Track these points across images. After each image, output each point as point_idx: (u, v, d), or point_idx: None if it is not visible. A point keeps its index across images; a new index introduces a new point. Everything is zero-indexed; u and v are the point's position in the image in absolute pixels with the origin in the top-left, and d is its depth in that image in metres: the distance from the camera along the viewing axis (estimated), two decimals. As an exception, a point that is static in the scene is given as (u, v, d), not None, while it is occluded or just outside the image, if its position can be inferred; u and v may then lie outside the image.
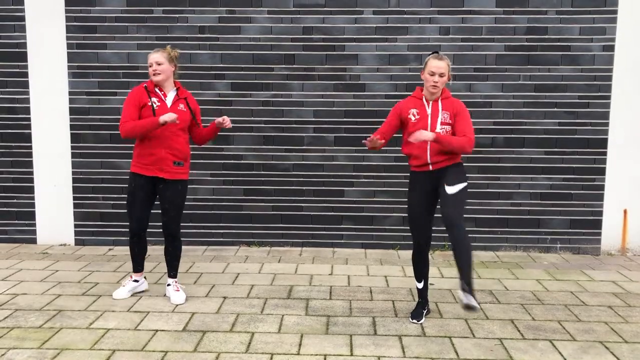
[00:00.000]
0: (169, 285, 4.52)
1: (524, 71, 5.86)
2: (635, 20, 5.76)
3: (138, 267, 4.58)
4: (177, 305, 4.38)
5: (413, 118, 3.95)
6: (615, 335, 3.90)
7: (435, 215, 4.09)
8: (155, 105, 4.24)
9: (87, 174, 6.06)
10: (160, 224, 4.45)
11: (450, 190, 3.83)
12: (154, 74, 4.26)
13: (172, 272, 4.52)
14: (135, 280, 4.57)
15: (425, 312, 4.17)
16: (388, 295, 4.64)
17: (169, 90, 4.34)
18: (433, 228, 4.18)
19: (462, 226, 3.77)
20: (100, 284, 4.83)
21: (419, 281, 4.20)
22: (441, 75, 3.87)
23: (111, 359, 3.49)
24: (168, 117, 4.09)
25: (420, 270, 4.18)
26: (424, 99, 3.98)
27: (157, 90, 4.31)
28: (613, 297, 4.64)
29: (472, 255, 3.82)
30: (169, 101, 4.31)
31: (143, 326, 3.97)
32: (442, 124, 3.92)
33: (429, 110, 3.95)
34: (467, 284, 3.70)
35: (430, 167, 3.97)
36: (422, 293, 4.21)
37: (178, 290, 4.48)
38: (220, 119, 4.34)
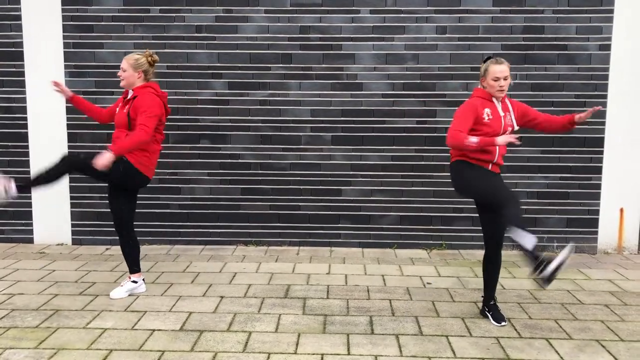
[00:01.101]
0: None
1: (520, 70, 5.87)
2: (632, 19, 5.77)
3: (133, 267, 4.58)
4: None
5: (487, 118, 3.93)
6: (612, 334, 3.91)
7: (444, 214, 4.10)
8: (118, 109, 4.52)
9: (84, 173, 6.05)
10: (159, 224, 4.46)
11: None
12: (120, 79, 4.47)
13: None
14: (134, 281, 4.57)
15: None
16: (385, 295, 4.64)
17: (129, 94, 4.46)
18: (435, 227, 4.19)
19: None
20: (97, 284, 4.83)
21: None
22: (505, 78, 3.91)
23: (108, 358, 3.49)
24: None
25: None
26: (493, 100, 3.99)
27: (130, 92, 4.47)
28: (609, 296, 4.66)
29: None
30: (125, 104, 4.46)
31: (140, 326, 3.97)
32: (508, 123, 3.98)
33: (501, 111, 3.97)
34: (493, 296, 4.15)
35: (490, 167, 4.00)
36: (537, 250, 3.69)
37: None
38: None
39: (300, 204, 6.07)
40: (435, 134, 5.93)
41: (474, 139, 3.78)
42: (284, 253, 5.86)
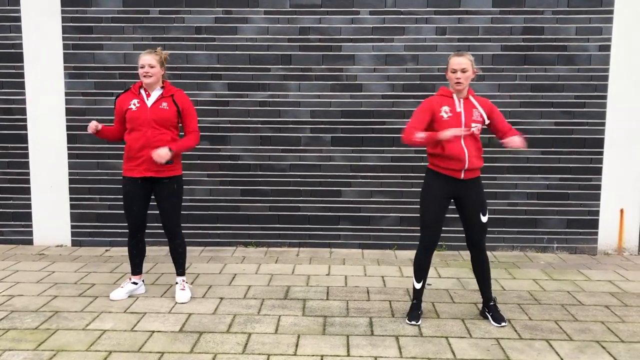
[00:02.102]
0: (176, 283, 4.56)
1: (520, 71, 5.86)
2: (631, 20, 5.77)
3: (136, 269, 4.58)
4: (182, 303, 4.40)
5: (445, 115, 3.87)
6: (612, 335, 3.90)
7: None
8: (134, 107, 4.28)
9: (84, 174, 6.05)
10: (159, 224, 4.46)
11: (484, 219, 4.03)
12: (144, 76, 4.26)
13: (179, 270, 4.54)
14: (134, 283, 4.57)
15: (420, 313, 4.16)
16: (385, 296, 4.64)
17: (153, 90, 4.34)
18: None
19: (485, 249, 4.13)
20: (96, 285, 4.82)
21: (419, 281, 4.14)
22: (463, 70, 3.83)
23: (107, 360, 3.49)
24: (91, 126, 4.20)
25: (424, 271, 4.15)
26: (454, 97, 3.92)
27: (141, 91, 4.33)
28: (610, 297, 4.65)
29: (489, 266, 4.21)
30: (150, 101, 4.30)
31: (140, 327, 3.96)
32: (474, 121, 3.90)
33: (461, 108, 3.90)
34: (491, 297, 4.17)
35: (462, 176, 3.92)
36: (420, 294, 4.19)
37: (184, 289, 4.50)
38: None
39: (300, 205, 6.07)
40: (435, 135, 5.92)
41: (421, 134, 3.78)
42: (283, 254, 5.85)
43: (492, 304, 4.14)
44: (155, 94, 4.32)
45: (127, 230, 4.50)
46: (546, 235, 6.01)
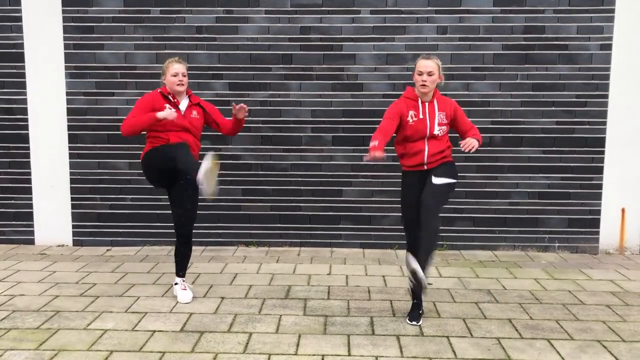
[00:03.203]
0: (176, 284, 4.55)
1: (521, 70, 5.86)
2: (633, 18, 5.76)
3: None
4: (184, 303, 4.40)
5: (411, 120, 3.94)
6: (613, 335, 3.90)
7: (445, 215, 4.08)
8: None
9: (85, 174, 6.05)
10: (158, 223, 4.46)
11: (437, 180, 3.92)
12: (178, 84, 4.30)
13: (182, 271, 4.55)
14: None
15: (421, 313, 4.16)
16: (386, 295, 4.64)
17: (182, 98, 4.40)
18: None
19: (435, 212, 3.94)
20: (98, 285, 4.83)
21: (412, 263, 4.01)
22: (429, 74, 3.87)
23: (109, 359, 3.48)
24: (167, 114, 4.14)
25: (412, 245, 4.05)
26: (419, 101, 3.98)
27: (170, 97, 4.36)
28: (611, 296, 4.65)
29: (434, 244, 4.11)
30: (182, 108, 4.36)
31: (141, 327, 3.96)
32: (439, 124, 3.96)
33: (426, 112, 3.95)
34: (422, 267, 3.89)
35: (425, 167, 4.00)
36: (419, 289, 4.10)
37: (185, 289, 4.50)
38: (236, 107, 4.41)
39: (301, 204, 6.07)
40: (436, 135, 5.92)
41: (374, 143, 3.75)
42: (284, 254, 5.86)
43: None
44: (184, 102, 4.39)
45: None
46: (547, 234, 6.00)
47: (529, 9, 5.79)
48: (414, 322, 4.04)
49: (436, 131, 3.94)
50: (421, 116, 3.94)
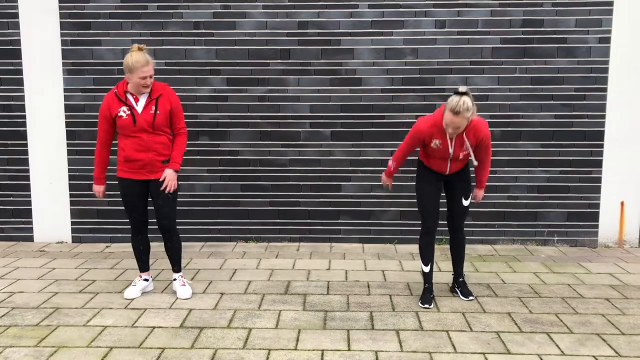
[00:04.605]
0: (174, 280, 4.54)
1: (520, 64, 5.85)
2: (632, 12, 5.74)
3: (144, 266, 4.57)
4: (184, 299, 4.40)
5: (434, 146, 4.11)
6: (613, 328, 3.90)
7: (444, 209, 4.44)
8: (125, 115, 4.19)
9: (83, 171, 6.04)
10: (151, 220, 4.47)
11: (466, 203, 4.35)
12: (144, 86, 4.16)
13: (176, 267, 4.54)
14: (145, 279, 4.57)
15: (432, 296, 4.33)
16: (385, 290, 4.64)
17: (142, 94, 4.24)
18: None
19: (463, 232, 4.49)
20: (97, 281, 4.83)
21: (427, 265, 4.36)
22: (457, 128, 3.95)
23: (108, 356, 3.48)
24: (94, 191, 4.56)
25: (430, 254, 4.36)
26: (447, 134, 4.05)
27: (128, 95, 4.22)
28: (610, 290, 4.65)
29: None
30: (140, 106, 4.20)
31: (140, 323, 3.97)
32: (463, 153, 4.14)
33: (452, 143, 4.08)
34: (462, 274, 4.51)
35: (447, 173, 4.27)
36: (429, 277, 4.37)
37: (184, 285, 4.50)
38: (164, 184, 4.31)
39: (300, 199, 6.07)
40: (434, 129, 5.91)
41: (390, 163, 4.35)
42: (284, 249, 5.86)
43: (461, 279, 4.44)
44: (143, 98, 4.23)
45: (130, 229, 4.49)
46: (546, 228, 6.00)
47: (528, 3, 5.78)
48: (426, 305, 4.23)
49: (460, 157, 4.15)
50: (447, 146, 4.08)
